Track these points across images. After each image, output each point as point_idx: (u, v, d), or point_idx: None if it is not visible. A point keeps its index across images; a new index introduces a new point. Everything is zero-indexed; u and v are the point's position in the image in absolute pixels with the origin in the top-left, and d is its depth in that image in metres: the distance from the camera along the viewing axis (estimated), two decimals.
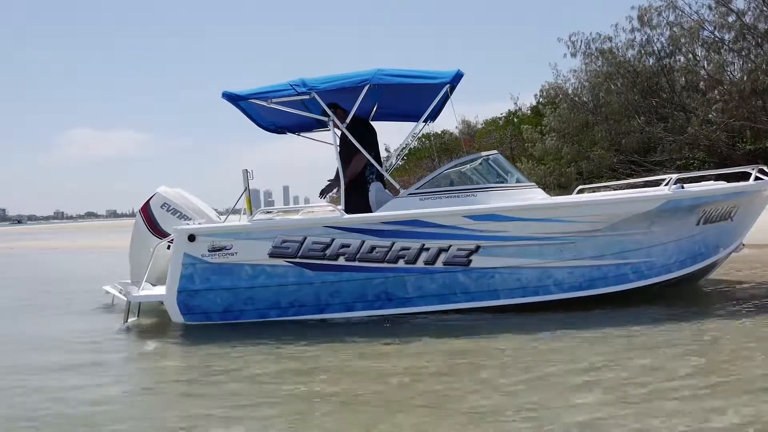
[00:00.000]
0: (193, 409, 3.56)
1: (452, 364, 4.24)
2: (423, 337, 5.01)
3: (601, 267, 5.84)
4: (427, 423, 3.14)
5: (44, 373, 4.54)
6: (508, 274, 5.77)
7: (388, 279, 5.77)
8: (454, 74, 6.18)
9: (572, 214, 5.73)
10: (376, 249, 5.70)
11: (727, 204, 6.07)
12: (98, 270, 12.49)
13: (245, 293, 5.83)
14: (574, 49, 21.70)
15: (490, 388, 3.62)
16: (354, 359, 4.50)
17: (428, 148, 31.65)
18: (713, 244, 6.24)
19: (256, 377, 4.20)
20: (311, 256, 5.73)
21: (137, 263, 6.88)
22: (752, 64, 18.29)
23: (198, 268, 5.79)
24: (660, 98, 20.43)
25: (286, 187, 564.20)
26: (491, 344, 4.73)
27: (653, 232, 5.85)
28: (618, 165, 20.52)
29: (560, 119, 22.38)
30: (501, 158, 6.59)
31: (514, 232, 5.68)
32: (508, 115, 31.71)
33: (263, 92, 6.21)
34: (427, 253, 5.70)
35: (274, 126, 7.55)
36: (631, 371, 3.79)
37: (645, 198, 5.87)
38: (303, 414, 3.40)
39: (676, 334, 4.69)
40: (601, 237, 5.77)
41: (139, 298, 6.16)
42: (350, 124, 6.30)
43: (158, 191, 7.03)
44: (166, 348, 5.39)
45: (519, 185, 6.28)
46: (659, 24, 19.94)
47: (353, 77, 6.14)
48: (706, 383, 3.48)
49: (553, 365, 4.01)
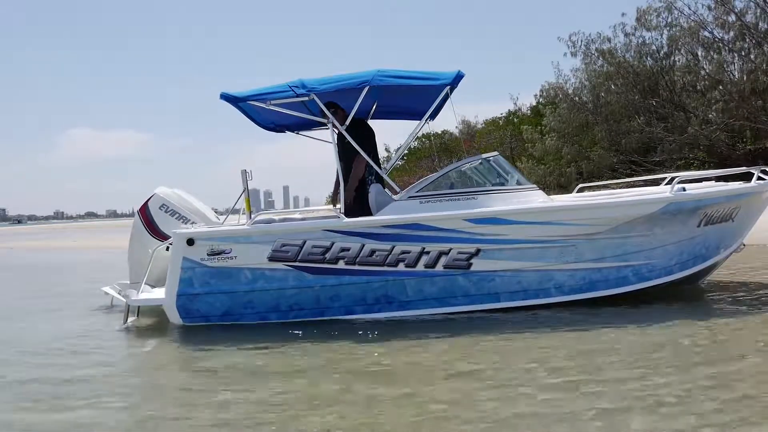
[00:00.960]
0: (193, 409, 3.55)
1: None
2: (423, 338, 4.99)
3: (602, 269, 5.82)
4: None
5: (43, 372, 4.52)
6: (508, 277, 5.76)
7: (388, 282, 5.75)
8: (454, 76, 6.14)
9: (573, 217, 5.71)
10: (376, 252, 5.68)
11: (729, 205, 6.05)
12: (98, 270, 12.47)
13: (245, 297, 5.80)
14: (575, 49, 21.71)
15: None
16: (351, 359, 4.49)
17: (428, 148, 31.65)
18: (714, 245, 6.22)
19: (256, 377, 4.19)
20: (311, 259, 5.70)
21: (136, 264, 6.86)
22: (752, 64, 18.29)
23: (197, 272, 5.76)
24: (660, 98, 20.42)
25: (286, 187, 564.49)
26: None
27: (654, 234, 5.83)
28: (618, 165, 20.51)
29: (560, 119, 22.36)
30: (501, 159, 6.56)
31: (514, 236, 5.66)
32: (508, 115, 31.70)
33: (262, 94, 6.17)
34: (427, 256, 5.68)
35: (273, 124, 7.52)
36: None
37: (647, 201, 5.83)
38: (298, 415, 3.39)
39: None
40: (602, 239, 5.75)
41: (139, 302, 6.15)
42: (349, 126, 6.28)
43: (156, 192, 6.99)
44: (165, 348, 5.40)
45: (519, 187, 6.26)
46: (658, 25, 19.94)
47: (352, 78, 6.11)
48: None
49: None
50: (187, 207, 6.99)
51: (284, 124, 7.54)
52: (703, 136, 18.46)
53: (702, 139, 18.68)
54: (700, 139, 18.72)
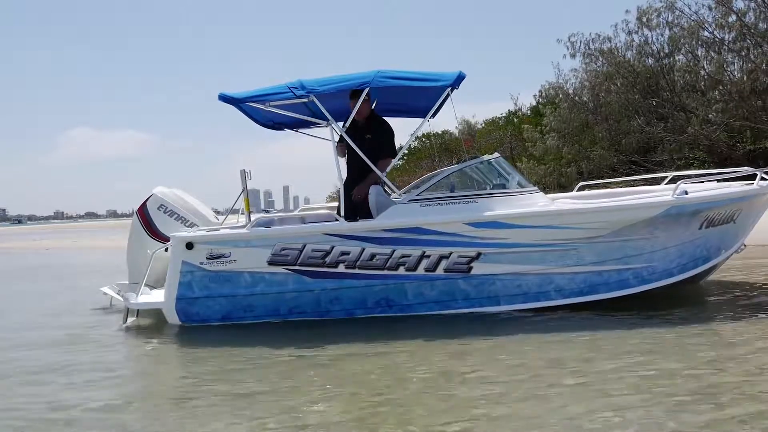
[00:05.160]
0: (193, 409, 3.55)
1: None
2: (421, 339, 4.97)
3: (603, 272, 5.81)
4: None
5: (42, 373, 4.51)
6: (509, 281, 5.74)
7: (388, 286, 5.73)
8: (455, 77, 6.08)
9: (574, 221, 5.69)
10: (376, 256, 5.66)
11: (731, 208, 6.03)
12: (97, 270, 12.43)
13: (244, 301, 5.79)
14: (574, 50, 21.68)
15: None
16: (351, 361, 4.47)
17: (428, 148, 31.64)
18: (715, 247, 6.20)
19: (256, 377, 4.19)
20: (311, 263, 5.68)
21: (135, 265, 6.82)
22: (752, 64, 18.25)
23: (196, 276, 5.75)
24: (660, 98, 20.39)
25: (286, 187, 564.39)
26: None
27: (656, 238, 5.81)
28: (618, 165, 20.48)
29: (560, 119, 22.34)
30: (502, 161, 6.54)
31: (515, 239, 5.64)
32: (508, 115, 31.67)
33: (260, 95, 6.13)
34: (427, 260, 5.66)
35: (272, 122, 7.48)
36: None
37: (648, 205, 5.80)
38: (298, 414, 3.40)
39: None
40: (602, 243, 5.73)
41: (138, 305, 6.13)
42: (368, 121, 6.30)
43: (155, 192, 6.93)
44: (164, 349, 5.39)
45: (520, 190, 6.23)
46: (659, 24, 19.91)
47: (352, 79, 6.07)
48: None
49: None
50: (186, 207, 6.94)
51: (283, 122, 7.51)
52: (703, 136, 18.43)
53: (702, 139, 18.65)
54: (700, 139, 18.69)
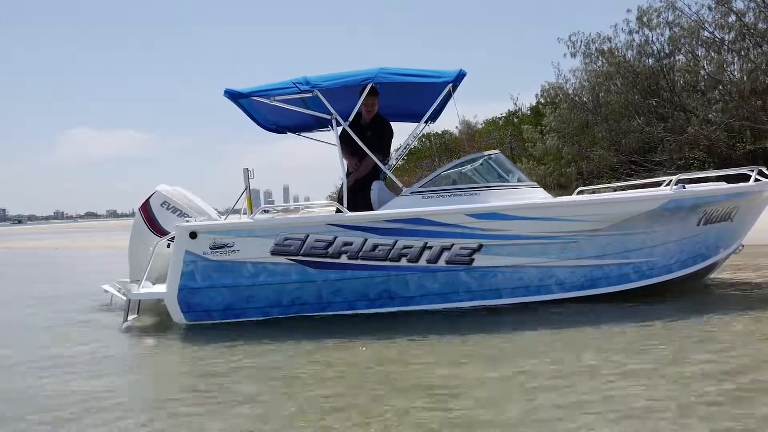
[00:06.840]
0: (193, 408, 3.54)
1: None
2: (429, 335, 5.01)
3: (603, 267, 5.85)
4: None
5: (41, 372, 4.50)
6: (510, 273, 5.78)
7: (390, 277, 5.76)
8: (456, 73, 6.17)
9: (574, 213, 5.73)
10: (378, 247, 5.69)
11: (728, 204, 6.08)
12: (97, 269, 12.45)
13: (247, 291, 5.81)
14: (574, 50, 21.73)
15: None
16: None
17: (429, 148, 31.69)
18: (714, 245, 6.25)
19: (255, 377, 4.19)
20: (313, 254, 5.71)
21: (136, 261, 6.84)
22: (752, 64, 18.29)
23: (199, 266, 5.77)
24: (660, 98, 20.43)
25: (286, 187, 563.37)
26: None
27: (655, 232, 5.85)
28: (618, 165, 20.52)
29: (560, 119, 22.39)
30: (503, 157, 6.59)
31: (516, 231, 5.68)
32: (508, 115, 31.74)
33: (266, 90, 6.19)
34: (429, 251, 5.69)
35: (275, 126, 7.54)
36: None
37: (647, 198, 5.87)
38: (302, 412, 3.40)
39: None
40: (603, 236, 5.77)
41: (139, 296, 6.14)
42: (374, 120, 6.57)
43: (158, 189, 6.99)
44: (166, 346, 5.37)
45: (521, 184, 6.27)
46: (659, 24, 19.95)
47: (356, 75, 6.16)
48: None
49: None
50: (189, 204, 6.98)
51: (286, 125, 7.57)
52: (703, 136, 18.46)
53: (702, 139, 18.68)
54: (700, 139, 18.73)
